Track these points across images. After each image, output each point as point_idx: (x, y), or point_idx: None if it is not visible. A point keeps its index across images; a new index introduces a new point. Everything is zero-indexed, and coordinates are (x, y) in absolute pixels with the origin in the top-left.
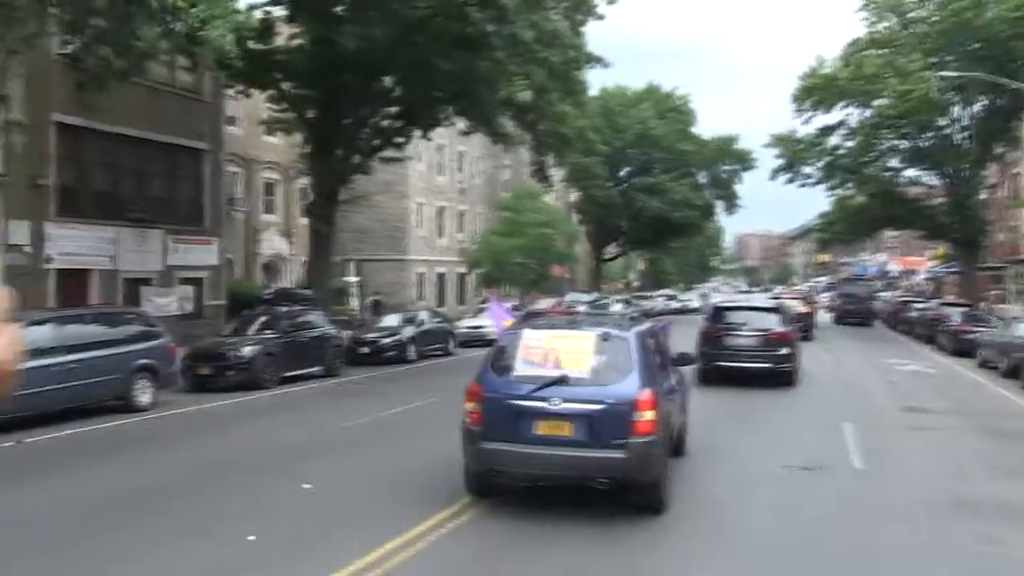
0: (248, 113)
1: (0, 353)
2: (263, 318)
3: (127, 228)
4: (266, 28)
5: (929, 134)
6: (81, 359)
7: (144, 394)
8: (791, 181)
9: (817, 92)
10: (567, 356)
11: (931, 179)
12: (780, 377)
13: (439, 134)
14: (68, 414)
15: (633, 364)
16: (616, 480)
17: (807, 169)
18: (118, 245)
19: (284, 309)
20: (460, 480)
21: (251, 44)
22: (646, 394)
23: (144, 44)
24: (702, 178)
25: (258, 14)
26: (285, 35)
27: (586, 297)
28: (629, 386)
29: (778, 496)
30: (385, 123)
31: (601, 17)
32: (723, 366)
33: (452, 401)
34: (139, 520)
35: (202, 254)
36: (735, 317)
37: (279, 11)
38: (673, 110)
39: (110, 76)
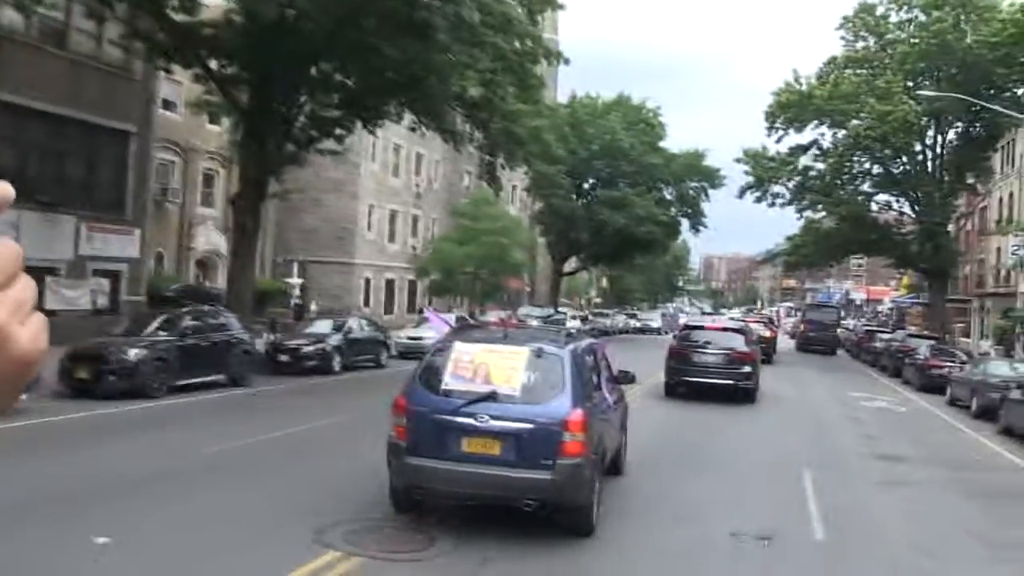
0: (188, 98)
1: (28, 343)
2: (161, 317)
3: (32, 212)
4: None
5: (903, 159)
6: None
7: None
8: (760, 200)
9: (791, 109)
10: (498, 371)
11: (902, 206)
12: (742, 393)
13: (396, 133)
14: None
15: (565, 382)
16: (543, 501)
17: (777, 188)
18: (20, 230)
19: (186, 308)
20: (348, 527)
21: (171, 14)
22: (577, 414)
23: None
24: (668, 194)
25: None
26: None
27: (540, 312)
28: (560, 405)
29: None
30: (325, 112)
31: (561, 7)
32: (690, 381)
33: (365, 420)
34: None
35: (121, 245)
36: (702, 336)
37: None
38: (642, 122)
39: None
